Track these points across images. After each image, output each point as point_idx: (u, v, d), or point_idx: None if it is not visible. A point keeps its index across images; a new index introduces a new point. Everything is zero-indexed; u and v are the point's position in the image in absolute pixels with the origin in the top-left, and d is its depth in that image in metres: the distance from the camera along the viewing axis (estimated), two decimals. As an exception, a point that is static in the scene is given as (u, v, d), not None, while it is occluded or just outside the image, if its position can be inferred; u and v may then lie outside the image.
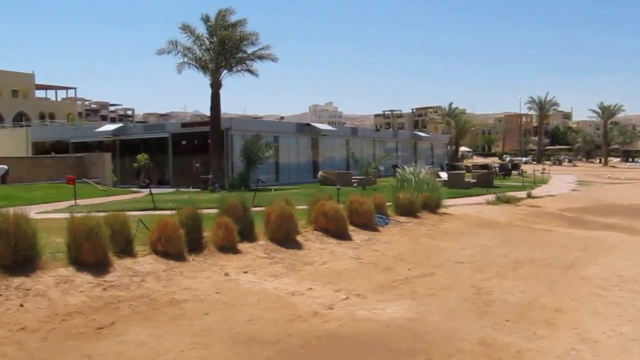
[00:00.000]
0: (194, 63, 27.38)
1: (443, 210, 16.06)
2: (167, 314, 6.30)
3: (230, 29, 27.19)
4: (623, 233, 14.49)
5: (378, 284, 8.08)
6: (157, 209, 13.61)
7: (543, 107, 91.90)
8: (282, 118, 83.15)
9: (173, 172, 32.58)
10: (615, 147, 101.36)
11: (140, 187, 27.33)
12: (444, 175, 28.10)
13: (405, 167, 19.34)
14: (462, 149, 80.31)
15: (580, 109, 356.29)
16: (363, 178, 25.99)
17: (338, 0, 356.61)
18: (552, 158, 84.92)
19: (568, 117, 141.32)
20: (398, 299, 7.32)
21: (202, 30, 27.40)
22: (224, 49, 27.03)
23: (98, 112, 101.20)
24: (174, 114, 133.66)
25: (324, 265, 9.23)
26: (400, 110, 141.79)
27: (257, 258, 9.13)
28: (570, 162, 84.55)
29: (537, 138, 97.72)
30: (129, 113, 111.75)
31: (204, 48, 27.46)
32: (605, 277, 9.09)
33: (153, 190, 17.64)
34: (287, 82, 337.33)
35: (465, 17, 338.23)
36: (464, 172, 33.40)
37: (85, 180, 23.53)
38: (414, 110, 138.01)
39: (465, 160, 73.41)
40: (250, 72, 28.20)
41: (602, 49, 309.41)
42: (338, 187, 16.78)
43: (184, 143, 33.04)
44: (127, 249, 7.99)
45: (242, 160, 27.47)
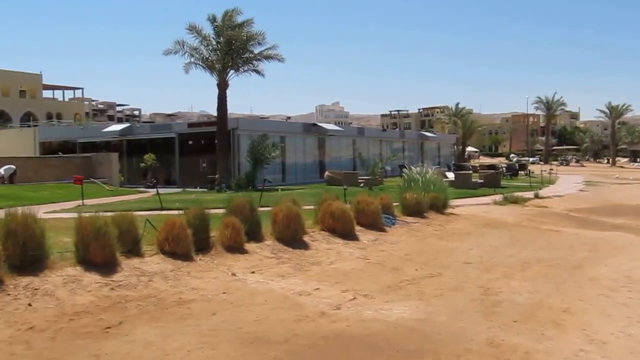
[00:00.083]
0: (201, 63, 27.49)
1: (450, 211, 16.04)
2: (174, 314, 6.31)
3: (237, 29, 27.24)
4: (631, 234, 14.41)
5: (385, 285, 8.07)
6: (164, 209, 13.65)
7: (550, 107, 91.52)
8: (288, 118, 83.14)
9: (180, 172, 32.62)
10: (623, 147, 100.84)
11: (147, 187, 27.41)
12: (451, 176, 28.05)
13: (412, 167, 19.34)
14: (469, 149, 79.97)
15: (588, 109, 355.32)
16: (370, 178, 26.00)
17: (345, 1, 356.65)
18: (559, 158, 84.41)
19: (575, 117, 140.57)
20: (405, 300, 7.31)
21: (208, 31, 27.53)
22: (231, 49, 27.11)
23: (105, 112, 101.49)
24: (181, 114, 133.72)
25: (331, 266, 9.23)
26: (407, 110, 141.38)
27: (264, 258, 9.13)
28: (578, 162, 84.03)
29: (544, 138, 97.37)
30: (136, 113, 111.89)
31: (211, 48, 27.55)
32: (614, 277, 9.04)
33: (160, 191, 17.69)
34: (293, 82, 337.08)
35: (472, 17, 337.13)
36: (471, 172, 33.24)
37: (93, 180, 23.64)
38: (421, 110, 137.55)
39: (472, 161, 73.12)
40: (257, 72, 28.30)
41: (610, 49, 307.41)
42: (345, 187, 16.73)
43: (191, 143, 33.11)
44: (134, 249, 8.01)
45: (248, 160, 27.52)
